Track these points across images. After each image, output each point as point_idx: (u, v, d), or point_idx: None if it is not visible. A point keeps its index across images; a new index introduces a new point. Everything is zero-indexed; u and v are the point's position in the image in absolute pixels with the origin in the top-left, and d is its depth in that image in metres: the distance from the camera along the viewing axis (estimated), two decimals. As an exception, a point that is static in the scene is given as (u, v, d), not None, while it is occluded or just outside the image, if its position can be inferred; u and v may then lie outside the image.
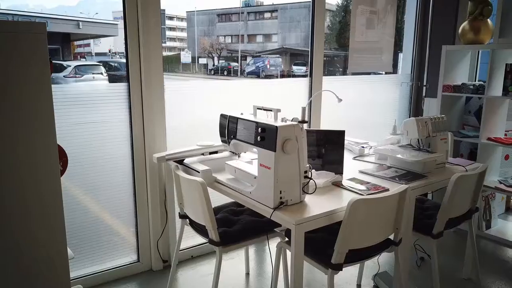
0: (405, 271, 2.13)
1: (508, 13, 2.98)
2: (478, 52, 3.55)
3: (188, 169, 2.15)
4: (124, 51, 2.38)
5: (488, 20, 3.11)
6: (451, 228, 2.22)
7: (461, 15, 3.49)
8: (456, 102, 3.48)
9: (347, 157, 2.51)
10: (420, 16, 3.76)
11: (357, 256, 1.78)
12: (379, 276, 2.48)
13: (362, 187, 1.92)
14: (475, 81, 3.60)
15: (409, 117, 3.87)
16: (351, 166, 2.32)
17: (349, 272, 2.59)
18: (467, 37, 3.16)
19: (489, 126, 3.17)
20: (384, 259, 2.75)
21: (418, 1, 3.74)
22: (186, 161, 2.21)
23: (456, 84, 3.31)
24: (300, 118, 2.46)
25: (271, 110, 1.80)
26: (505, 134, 3.31)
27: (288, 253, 1.85)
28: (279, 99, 3.05)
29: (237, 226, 2.05)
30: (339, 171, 2.11)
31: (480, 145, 3.17)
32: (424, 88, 3.83)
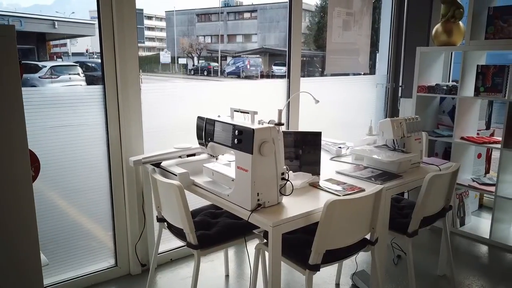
0: (381, 270, 2.16)
1: (478, 15, 3.07)
2: (452, 53, 3.64)
3: (166, 172, 2.14)
4: (99, 52, 2.35)
5: (460, 22, 3.20)
6: (426, 226, 2.27)
7: (435, 18, 3.57)
8: (430, 102, 3.56)
9: (325, 157, 2.54)
10: (395, 19, 3.83)
11: (334, 256, 1.80)
12: (357, 275, 2.52)
13: (338, 188, 1.94)
14: (449, 81, 3.69)
15: (386, 117, 3.95)
16: (328, 167, 2.34)
17: (328, 272, 2.62)
18: (440, 39, 3.24)
19: (462, 125, 3.25)
20: (362, 257, 2.79)
21: (393, 3, 3.81)
22: (163, 164, 2.19)
23: (430, 84, 3.39)
24: (276, 121, 2.47)
25: (248, 113, 1.81)
26: (477, 133, 3.41)
27: (267, 254, 1.86)
28: (259, 99, 3.06)
29: (215, 228, 2.05)
30: (316, 172, 2.13)
31: (453, 144, 3.26)
32: (400, 88, 3.90)
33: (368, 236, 1.93)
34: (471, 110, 3.30)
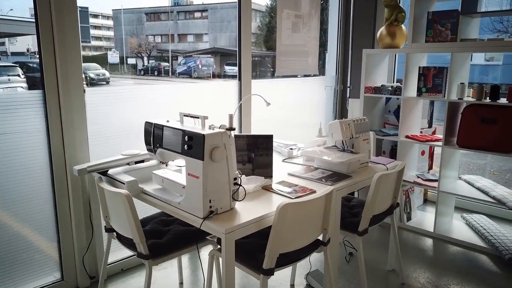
0: (334, 269, 2.20)
1: (419, 19, 3.21)
2: (395, 54, 3.79)
3: (113, 180, 2.05)
4: (38, 53, 2.21)
5: (403, 25, 3.33)
6: (375, 224, 2.34)
7: (379, 21, 3.70)
8: (377, 102, 3.69)
9: (277, 159, 2.55)
10: (342, 22, 3.93)
11: (287, 259, 1.81)
12: (311, 275, 2.55)
13: (290, 190, 1.95)
14: (393, 81, 3.84)
15: (335, 117, 4.04)
16: (280, 169, 2.35)
17: (283, 273, 2.63)
18: (384, 41, 3.36)
19: (406, 124, 3.40)
20: (315, 257, 2.83)
21: (340, 7, 3.90)
22: (110, 172, 2.10)
23: (376, 85, 3.51)
24: (228, 125, 2.45)
25: (198, 117, 1.77)
26: (421, 132, 3.57)
27: (221, 260, 1.83)
28: (211, 100, 3.02)
29: (167, 237, 1.99)
30: (269, 175, 2.14)
31: (399, 143, 3.39)
32: (348, 89, 4.01)
33: (320, 237, 1.96)
34: (414, 109, 3.45)
